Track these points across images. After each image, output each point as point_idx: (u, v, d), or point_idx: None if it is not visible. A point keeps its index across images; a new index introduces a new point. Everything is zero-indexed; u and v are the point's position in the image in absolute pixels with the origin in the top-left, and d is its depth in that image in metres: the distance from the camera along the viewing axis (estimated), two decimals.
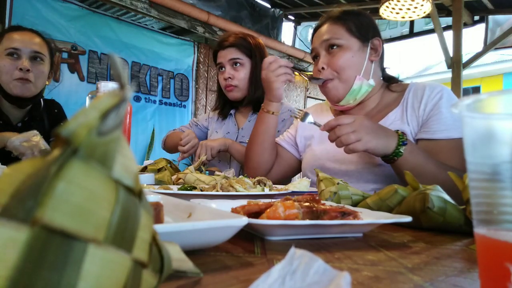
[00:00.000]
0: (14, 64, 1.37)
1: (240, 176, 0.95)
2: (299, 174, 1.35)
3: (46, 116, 1.58)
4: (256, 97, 1.54)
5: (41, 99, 1.56)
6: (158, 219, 0.39)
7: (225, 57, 1.53)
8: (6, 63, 1.37)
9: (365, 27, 1.10)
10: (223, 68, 1.55)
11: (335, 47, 1.09)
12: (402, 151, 0.87)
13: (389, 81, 1.18)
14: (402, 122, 1.05)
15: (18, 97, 1.41)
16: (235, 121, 1.66)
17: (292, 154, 1.29)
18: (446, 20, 4.36)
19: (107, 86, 0.86)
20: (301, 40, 5.95)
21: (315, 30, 1.17)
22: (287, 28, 5.97)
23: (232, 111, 1.67)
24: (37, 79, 1.43)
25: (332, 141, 0.90)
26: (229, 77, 1.52)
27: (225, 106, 1.68)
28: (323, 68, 1.10)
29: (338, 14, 1.12)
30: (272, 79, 1.17)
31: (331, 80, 1.10)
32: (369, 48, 1.10)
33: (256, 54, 1.53)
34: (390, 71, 1.20)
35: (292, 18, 5.64)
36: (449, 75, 4.08)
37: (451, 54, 4.02)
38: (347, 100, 1.11)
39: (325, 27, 1.12)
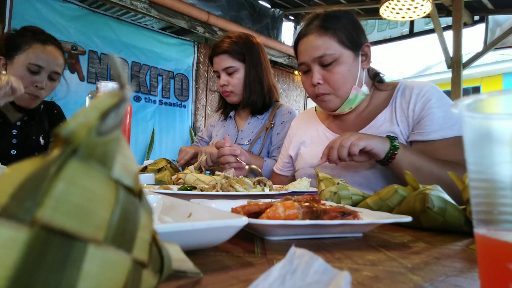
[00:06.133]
0: (32, 79, 1.37)
1: (240, 176, 0.95)
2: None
3: (46, 117, 1.59)
4: (251, 101, 1.56)
5: None
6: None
7: (219, 64, 1.55)
8: (25, 76, 1.36)
9: (355, 34, 1.05)
10: (219, 75, 1.58)
11: (329, 62, 1.03)
12: (397, 143, 0.89)
13: (375, 77, 1.15)
14: (391, 123, 1.04)
15: (21, 106, 1.43)
16: (235, 124, 1.67)
17: (288, 176, 1.31)
18: (446, 20, 4.36)
19: (107, 86, 0.86)
20: None
21: (299, 39, 1.10)
22: (287, 28, 5.96)
23: (231, 114, 1.69)
24: (45, 94, 1.45)
25: (333, 161, 0.91)
26: (224, 84, 1.55)
27: (227, 107, 1.71)
28: (318, 83, 1.06)
29: (324, 22, 1.04)
30: (221, 166, 1.25)
31: (327, 94, 1.07)
32: (360, 55, 1.07)
33: (249, 57, 1.53)
34: (374, 66, 1.16)
35: (292, 18, 5.64)
36: (449, 75, 4.08)
37: (451, 54, 4.02)
38: (342, 109, 1.10)
39: (312, 39, 1.05)
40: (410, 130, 1.02)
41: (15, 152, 1.45)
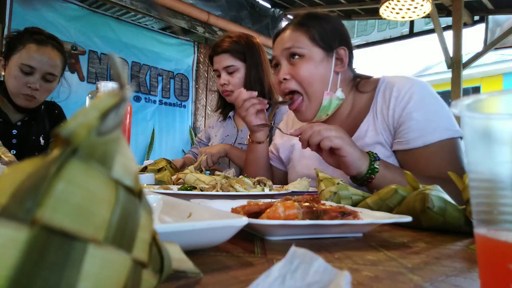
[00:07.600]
0: (25, 79, 1.37)
1: (240, 176, 0.95)
2: None
3: (47, 117, 1.60)
4: None
5: None
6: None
7: (219, 63, 1.54)
8: (18, 76, 1.36)
9: (330, 35, 1.02)
10: (219, 74, 1.57)
11: (296, 56, 1.00)
12: (377, 166, 0.81)
13: (355, 79, 1.08)
14: (376, 132, 0.97)
15: (20, 107, 1.43)
16: (234, 124, 1.67)
17: (280, 169, 1.31)
18: (446, 20, 4.36)
19: (107, 86, 0.86)
20: None
21: (277, 35, 1.09)
22: None
23: (231, 114, 1.68)
24: (42, 95, 1.44)
25: (302, 141, 0.86)
26: (225, 83, 1.54)
27: (226, 106, 1.71)
28: (285, 78, 1.02)
29: (301, 19, 1.04)
30: (243, 114, 1.20)
31: (301, 101, 1.02)
32: (334, 58, 1.02)
33: (250, 57, 1.53)
34: (359, 71, 1.10)
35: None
36: (449, 75, 4.08)
37: (451, 54, 4.02)
38: (319, 117, 1.05)
39: (287, 34, 1.04)
40: (392, 138, 0.96)
41: (15, 152, 1.45)
